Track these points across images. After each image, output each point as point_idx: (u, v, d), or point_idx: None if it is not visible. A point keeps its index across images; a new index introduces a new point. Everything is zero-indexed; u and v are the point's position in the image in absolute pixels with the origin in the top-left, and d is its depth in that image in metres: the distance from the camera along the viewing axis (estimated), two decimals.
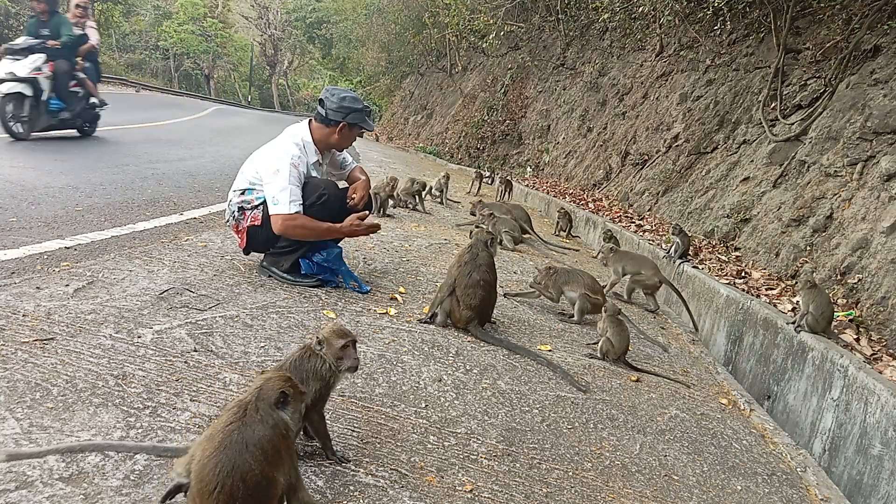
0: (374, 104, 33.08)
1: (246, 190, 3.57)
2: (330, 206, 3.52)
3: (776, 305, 4.12)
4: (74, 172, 6.03)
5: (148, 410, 2.01)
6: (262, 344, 2.69)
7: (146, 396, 2.09)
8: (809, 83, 6.05)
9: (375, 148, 19.92)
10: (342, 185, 3.91)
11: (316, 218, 3.46)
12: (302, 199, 3.42)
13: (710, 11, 7.80)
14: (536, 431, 2.49)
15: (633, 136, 9.77)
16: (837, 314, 3.69)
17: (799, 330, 3.47)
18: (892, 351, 3.40)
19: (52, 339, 2.36)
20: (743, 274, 4.98)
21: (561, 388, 2.99)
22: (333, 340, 1.90)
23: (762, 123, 6.41)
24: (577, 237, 8.00)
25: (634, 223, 7.49)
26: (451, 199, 8.83)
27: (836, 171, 4.94)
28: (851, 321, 3.74)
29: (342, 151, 3.97)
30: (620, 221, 7.62)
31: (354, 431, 2.17)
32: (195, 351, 2.50)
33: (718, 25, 8.11)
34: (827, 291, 3.91)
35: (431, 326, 3.40)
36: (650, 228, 7.10)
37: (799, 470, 2.81)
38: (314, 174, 3.62)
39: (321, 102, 3.61)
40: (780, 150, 5.93)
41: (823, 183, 5.04)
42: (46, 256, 3.35)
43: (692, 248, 5.58)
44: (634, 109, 10.34)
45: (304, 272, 3.63)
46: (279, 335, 2.82)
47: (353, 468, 1.94)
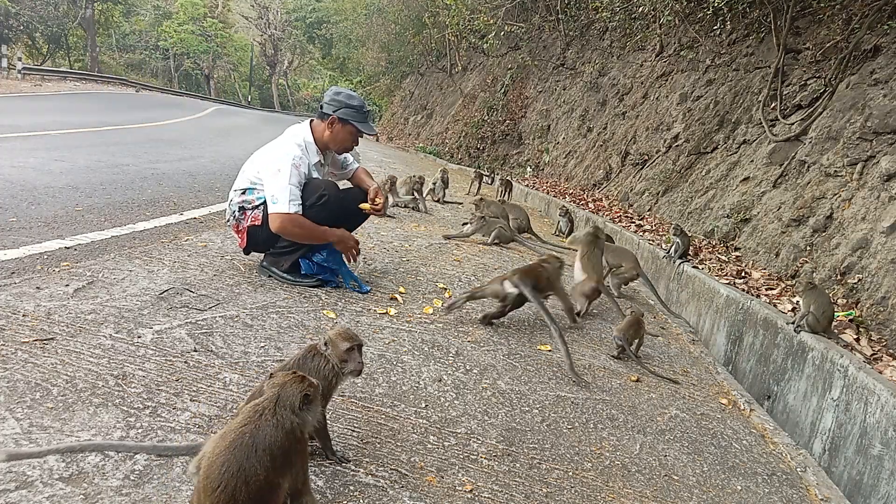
0: (374, 104, 33.10)
1: (247, 189, 3.57)
2: (330, 206, 3.51)
3: (776, 305, 4.12)
4: (74, 172, 6.03)
5: (148, 410, 2.01)
6: (262, 344, 2.70)
7: (146, 396, 2.09)
8: (809, 83, 6.05)
9: (375, 148, 19.92)
10: (344, 185, 3.91)
11: (316, 218, 3.46)
12: (302, 199, 3.42)
13: (710, 11, 7.79)
14: (536, 431, 2.49)
15: (633, 136, 9.77)
16: (837, 314, 3.69)
17: (798, 330, 3.46)
18: (892, 351, 3.40)
19: (52, 339, 2.36)
20: (743, 274, 4.98)
21: (561, 387, 2.99)
22: (339, 343, 1.90)
23: (762, 123, 6.41)
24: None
25: (634, 223, 7.48)
26: (449, 199, 8.82)
27: (836, 171, 4.94)
28: (851, 321, 3.74)
29: (341, 154, 3.87)
30: (620, 221, 7.62)
31: (354, 431, 2.17)
32: (195, 351, 2.50)
33: (718, 25, 8.11)
34: (827, 291, 3.92)
35: (431, 326, 3.40)
36: (650, 228, 7.09)
37: (799, 470, 2.81)
38: (315, 175, 3.61)
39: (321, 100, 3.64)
40: (780, 150, 5.93)
41: (823, 183, 5.04)
42: (46, 256, 3.35)
43: (692, 247, 5.58)
44: (634, 109, 10.34)
45: (304, 272, 3.63)
46: (279, 335, 2.82)
47: (353, 468, 1.94)
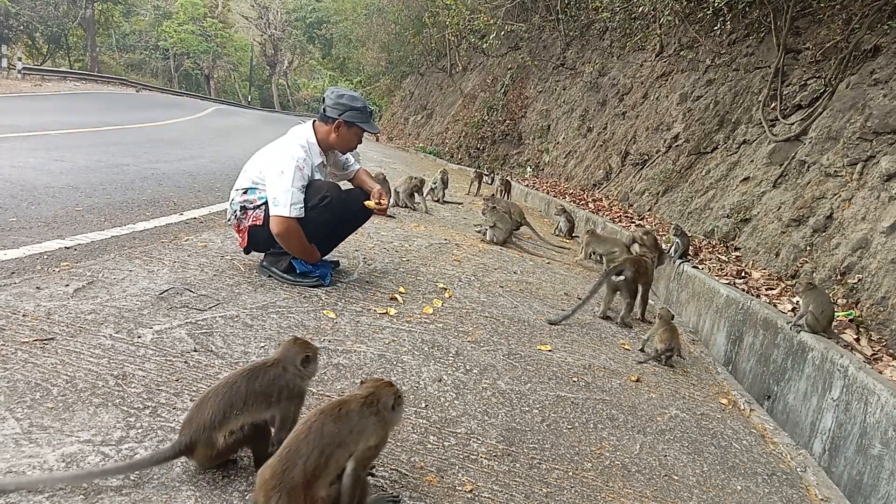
0: (374, 104, 33.09)
1: (249, 189, 3.56)
2: (332, 208, 3.51)
3: (776, 305, 4.12)
4: (74, 172, 6.03)
5: (148, 410, 2.01)
6: (262, 344, 2.70)
7: (146, 396, 2.09)
8: (809, 83, 6.05)
9: (375, 148, 19.92)
10: (345, 186, 3.91)
11: (319, 219, 3.47)
12: (305, 201, 3.41)
13: (710, 11, 7.80)
14: (536, 431, 2.49)
15: (633, 136, 9.77)
16: (837, 314, 3.69)
17: (798, 330, 3.46)
18: (892, 351, 3.40)
19: (52, 339, 2.36)
20: (743, 274, 4.98)
21: (561, 387, 2.99)
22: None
23: (762, 123, 6.41)
24: (577, 237, 7.99)
25: (634, 223, 7.49)
26: (449, 199, 8.82)
27: (836, 171, 4.94)
28: (851, 321, 3.74)
29: (345, 153, 3.89)
30: (620, 221, 7.62)
31: None
32: (195, 351, 2.50)
33: (718, 25, 8.11)
34: (827, 291, 3.91)
35: (431, 326, 3.40)
36: (650, 228, 7.09)
37: (799, 470, 2.81)
38: (318, 176, 3.60)
39: (323, 102, 3.62)
40: (780, 150, 5.93)
41: (823, 183, 5.04)
42: (46, 256, 3.35)
43: (692, 247, 5.58)
44: (634, 109, 10.34)
45: (300, 272, 3.63)
46: (279, 335, 2.82)
47: None
